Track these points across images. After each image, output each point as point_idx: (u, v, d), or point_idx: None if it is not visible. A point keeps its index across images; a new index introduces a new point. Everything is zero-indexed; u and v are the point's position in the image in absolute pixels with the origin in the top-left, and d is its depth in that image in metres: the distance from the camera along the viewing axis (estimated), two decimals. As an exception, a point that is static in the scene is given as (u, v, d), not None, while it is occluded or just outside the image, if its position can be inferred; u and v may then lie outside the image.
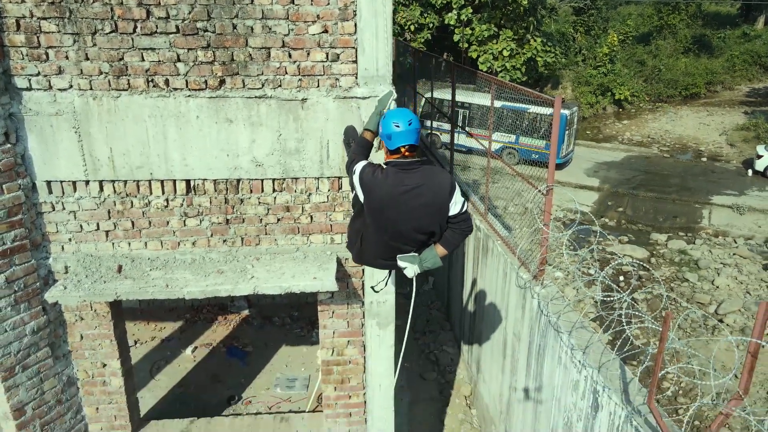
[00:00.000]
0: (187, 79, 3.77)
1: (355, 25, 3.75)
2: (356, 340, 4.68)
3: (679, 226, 15.96)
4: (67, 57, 3.65)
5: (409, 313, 3.78)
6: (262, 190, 4.12)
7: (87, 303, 4.27)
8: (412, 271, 3.24)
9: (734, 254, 13.95)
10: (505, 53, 21.25)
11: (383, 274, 4.08)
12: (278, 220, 4.22)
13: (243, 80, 3.80)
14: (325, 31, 3.75)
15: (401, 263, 3.25)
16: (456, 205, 3.14)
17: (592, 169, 20.30)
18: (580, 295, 10.04)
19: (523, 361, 5.86)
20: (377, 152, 3.70)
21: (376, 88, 3.87)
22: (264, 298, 7.95)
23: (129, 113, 3.80)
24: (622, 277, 12.72)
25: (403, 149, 3.10)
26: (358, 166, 3.19)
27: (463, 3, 20.97)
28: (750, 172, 19.89)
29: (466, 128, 13.84)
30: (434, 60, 12.79)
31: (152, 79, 3.75)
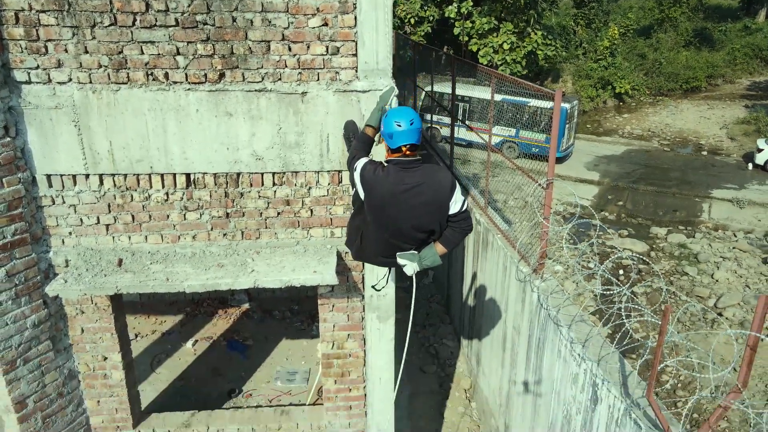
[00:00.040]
0: (186, 73, 3.76)
1: (355, 18, 3.74)
2: (356, 333, 4.69)
3: (679, 220, 15.97)
4: (66, 50, 3.64)
5: (409, 307, 3.80)
6: (262, 184, 4.12)
7: (87, 296, 4.28)
8: (412, 268, 3.26)
9: (734, 248, 13.96)
10: (506, 46, 21.18)
11: (383, 271, 4.10)
12: (278, 213, 4.22)
13: (243, 74, 3.79)
14: (325, 24, 3.74)
15: (401, 261, 3.27)
16: (456, 204, 3.15)
17: (593, 163, 20.29)
18: (579, 288, 10.06)
19: (523, 354, 5.88)
20: (377, 146, 3.70)
21: (377, 82, 3.86)
22: (264, 292, 7.97)
23: (128, 107, 3.79)
24: (621, 271, 12.75)
25: (404, 148, 3.10)
26: (359, 164, 3.19)
27: (464, -4, 20.91)
28: (750, 165, 19.88)
29: (467, 122, 13.81)
30: (434, 53, 12.74)
31: (152, 73, 3.74)
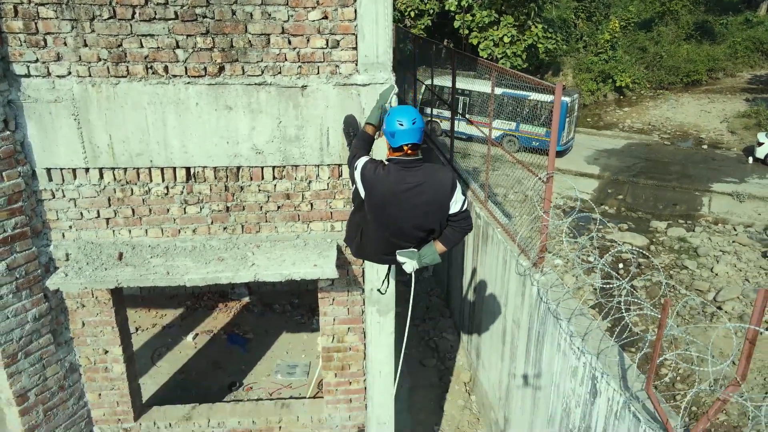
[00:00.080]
0: (186, 66, 3.75)
1: (355, 11, 3.72)
2: (356, 327, 4.70)
3: (679, 214, 15.97)
4: (65, 43, 3.63)
5: (409, 301, 3.81)
6: (262, 178, 4.12)
7: (88, 290, 4.29)
8: (411, 266, 3.28)
9: (733, 242, 13.97)
10: (506, 40, 21.10)
11: (384, 268, 4.12)
12: (278, 207, 4.22)
13: (242, 67, 3.78)
14: (325, 17, 3.72)
15: (401, 258, 3.29)
16: (456, 203, 3.17)
17: (593, 157, 20.27)
18: (579, 282, 10.07)
19: (523, 347, 5.89)
20: (377, 139, 3.69)
21: (377, 75, 3.85)
22: (264, 286, 7.97)
23: (128, 100, 3.78)
24: (621, 265, 12.76)
25: (406, 147, 3.10)
26: (360, 162, 3.20)
27: (464, -12, 20.82)
28: (750, 159, 19.85)
29: (467, 115, 13.80)
30: (434, 47, 12.70)
31: (151, 66, 3.73)
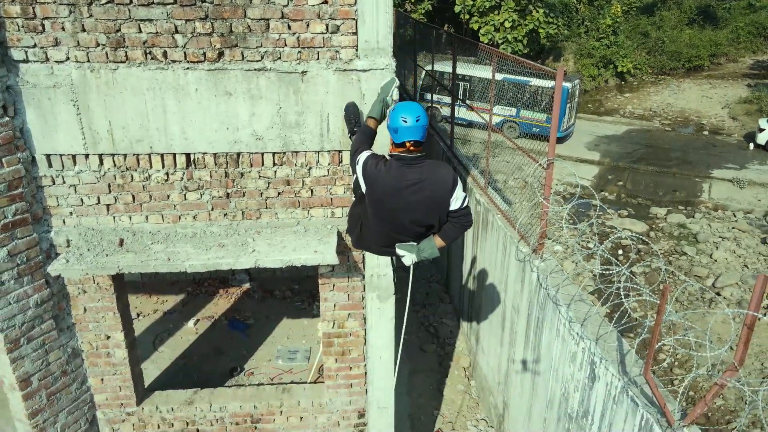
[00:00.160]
0: (185, 51, 3.72)
1: (356, -5, 3.69)
2: (357, 312, 4.72)
3: (679, 200, 15.97)
4: (63, 28, 3.60)
5: (408, 287, 3.83)
6: (263, 164, 4.11)
7: (89, 276, 4.30)
8: (410, 259, 3.31)
9: (733, 228, 13.98)
10: (507, 25, 20.95)
11: (384, 258, 4.14)
12: (279, 193, 4.22)
13: (242, 52, 3.76)
14: (325, 2, 3.69)
15: (400, 251, 3.31)
16: (457, 200, 3.17)
17: (593, 143, 20.21)
18: (579, 268, 10.11)
19: (522, 333, 5.92)
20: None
21: (377, 61, 3.83)
22: (265, 272, 8.00)
23: (127, 86, 3.76)
24: (621, 251, 12.79)
25: (408, 144, 3.10)
26: (362, 156, 3.20)
27: (465, -27, 20.64)
28: (751, 145, 19.80)
29: (467, 101, 13.73)
30: (435, 32, 12.61)
31: (150, 51, 3.70)
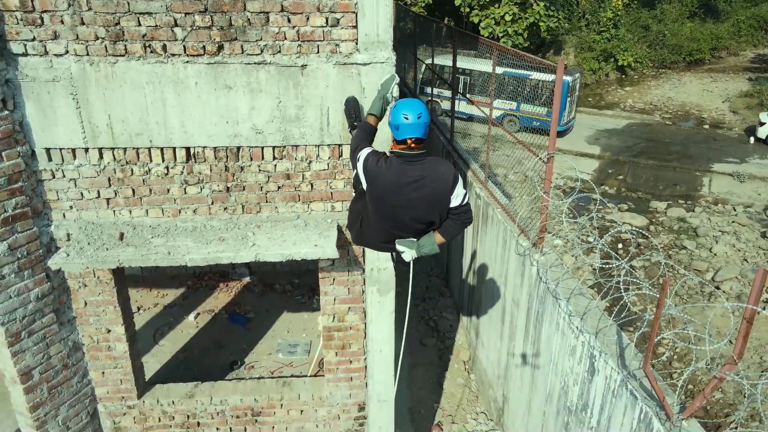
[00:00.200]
0: (184, 45, 3.71)
1: (355, -12, 3.67)
2: (357, 306, 4.73)
3: (679, 194, 15.96)
4: (62, 21, 3.59)
5: (409, 281, 3.83)
6: (263, 158, 4.11)
7: (90, 270, 4.31)
8: (410, 255, 3.32)
9: (733, 222, 13.98)
10: (507, 18, 20.88)
11: (384, 254, 4.18)
12: (279, 187, 4.22)
13: (241, 46, 3.74)
14: (325, -5, 3.67)
15: (400, 248, 3.32)
16: (457, 197, 3.18)
17: (594, 137, 20.18)
18: (578, 262, 10.12)
19: (522, 327, 5.94)
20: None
21: (377, 54, 3.82)
22: (265, 266, 8.00)
23: (126, 79, 3.75)
24: (620, 245, 12.79)
25: (409, 140, 3.10)
26: (363, 154, 3.20)
27: (465, -34, 20.53)
28: (752, 139, 19.77)
29: (467, 95, 13.69)
30: (435, 25, 12.56)
31: (149, 45, 3.69)
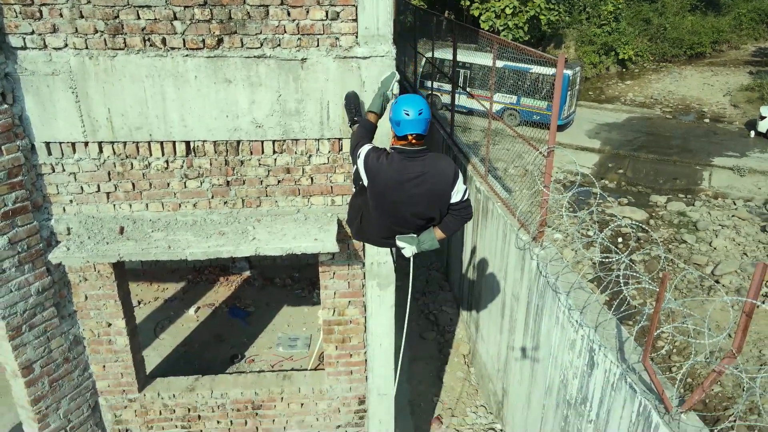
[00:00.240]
0: (184, 38, 3.70)
1: (355, -19, 3.66)
2: (357, 300, 4.74)
3: (679, 188, 15.96)
4: (61, 14, 3.57)
5: (409, 275, 3.85)
6: (263, 152, 4.10)
7: (90, 264, 4.31)
8: (410, 251, 3.32)
9: (733, 216, 13.99)
10: (508, 11, 20.80)
11: (384, 249, 4.19)
12: (279, 181, 4.22)
13: (241, 39, 3.73)
14: (325, -12, 3.66)
15: (400, 243, 3.32)
16: (458, 193, 3.18)
17: (594, 131, 20.15)
18: (578, 256, 10.12)
19: (522, 320, 5.95)
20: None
21: (377, 48, 3.81)
22: (265, 260, 8.02)
23: (126, 73, 3.74)
24: (620, 239, 12.80)
25: (410, 137, 3.09)
26: (363, 150, 3.20)
27: (466, -42, 20.44)
28: (752, 133, 19.75)
29: (467, 89, 13.66)
30: (435, 18, 12.52)
31: (149, 38, 3.68)
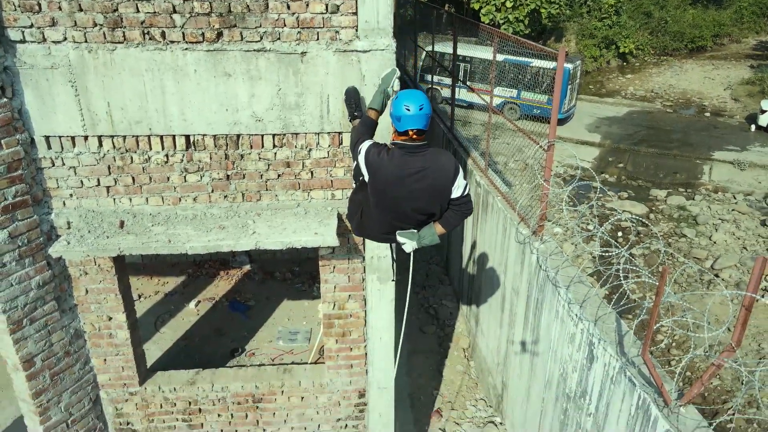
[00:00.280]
0: (183, 32, 3.68)
1: (355, -26, 3.64)
2: (357, 294, 4.75)
3: (679, 182, 15.95)
4: (60, 8, 3.56)
5: (409, 269, 3.86)
6: (263, 146, 4.10)
7: (90, 258, 4.32)
8: (411, 246, 3.33)
9: (733, 210, 13.99)
10: (508, 4, 20.71)
11: (385, 248, 4.25)
12: (279, 175, 4.21)
13: (241, 33, 3.72)
14: (325, -19, 3.64)
15: (400, 239, 3.33)
16: (458, 188, 3.18)
17: (594, 125, 20.12)
18: (578, 250, 10.13)
19: (521, 314, 5.96)
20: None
21: (377, 41, 3.80)
22: (265, 254, 8.02)
23: (125, 66, 3.73)
24: (620, 233, 12.81)
25: (411, 132, 3.09)
26: (364, 146, 3.20)
27: (466, -49, 20.33)
28: (753, 127, 19.72)
29: (468, 82, 13.62)
30: (435, 12, 12.49)
31: (148, 32, 3.67)
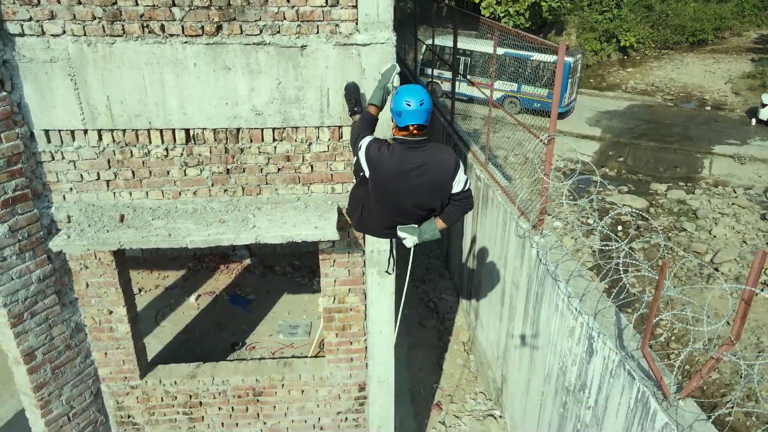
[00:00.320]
0: (183, 25, 3.67)
1: (355, -33, 3.63)
2: (357, 288, 4.76)
3: (680, 176, 15.95)
4: (59, 1, 3.54)
5: (408, 263, 3.86)
6: (263, 140, 4.09)
7: (91, 252, 4.32)
8: (411, 241, 3.33)
9: (733, 204, 14.00)
10: (509, -3, 20.62)
11: (384, 244, 4.24)
12: (279, 169, 4.21)
13: (240, 26, 3.71)
14: (324, -26, 3.63)
15: (401, 234, 3.33)
16: (459, 183, 3.18)
17: (594, 119, 20.09)
18: (578, 244, 10.15)
19: (521, 308, 5.98)
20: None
21: (377, 35, 3.78)
22: (265, 248, 8.03)
23: (125, 60, 3.72)
24: (620, 227, 12.82)
25: (411, 127, 3.08)
26: (364, 142, 3.19)
27: (466, -56, 20.23)
28: (753, 121, 19.70)
29: (468, 76, 13.60)
30: (435, 5, 12.44)
31: (147, 25, 3.65)
